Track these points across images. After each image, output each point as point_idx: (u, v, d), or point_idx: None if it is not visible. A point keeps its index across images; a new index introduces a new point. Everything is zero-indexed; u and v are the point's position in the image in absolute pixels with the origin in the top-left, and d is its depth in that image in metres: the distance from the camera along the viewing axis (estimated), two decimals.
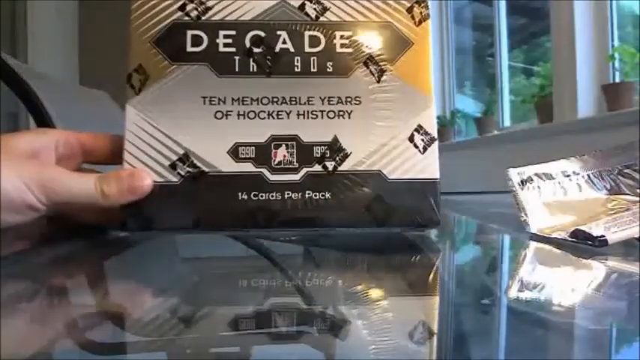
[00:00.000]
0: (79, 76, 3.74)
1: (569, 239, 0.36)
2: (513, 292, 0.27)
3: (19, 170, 0.35)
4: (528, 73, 3.20)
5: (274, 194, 0.39)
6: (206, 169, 0.39)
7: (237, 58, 0.40)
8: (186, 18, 0.41)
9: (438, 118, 3.81)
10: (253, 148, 0.39)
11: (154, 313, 0.23)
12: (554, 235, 0.38)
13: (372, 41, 0.41)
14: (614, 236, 0.33)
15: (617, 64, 2.27)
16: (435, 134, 0.41)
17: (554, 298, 0.26)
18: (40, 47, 3.31)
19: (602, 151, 0.46)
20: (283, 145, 0.39)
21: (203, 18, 0.41)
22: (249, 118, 0.39)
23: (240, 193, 0.38)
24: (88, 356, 0.19)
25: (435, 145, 0.40)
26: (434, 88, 0.41)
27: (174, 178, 0.39)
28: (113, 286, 0.30)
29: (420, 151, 0.40)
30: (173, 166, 0.39)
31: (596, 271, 0.31)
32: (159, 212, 0.38)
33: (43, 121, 0.88)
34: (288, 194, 0.39)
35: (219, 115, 0.39)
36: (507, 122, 3.17)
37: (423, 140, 0.40)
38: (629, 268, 0.32)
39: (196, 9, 0.41)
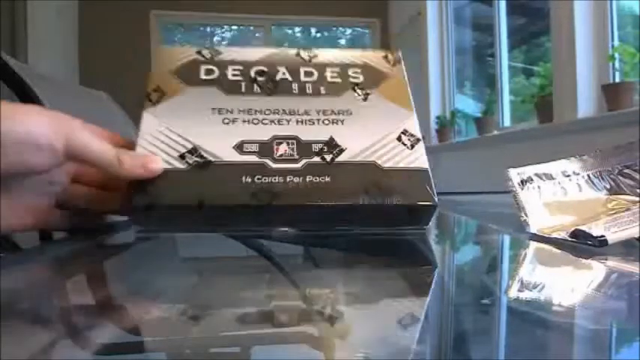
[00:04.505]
0: (79, 76, 3.74)
1: (569, 239, 0.36)
2: (513, 292, 0.27)
3: (51, 116, 0.37)
4: (528, 73, 3.20)
5: (277, 178, 0.42)
6: (212, 159, 0.42)
7: (243, 83, 0.48)
8: (202, 58, 0.49)
9: (438, 118, 3.80)
10: (257, 144, 0.43)
11: (154, 313, 0.23)
12: (554, 235, 0.38)
13: (356, 75, 0.50)
14: (614, 236, 0.33)
15: (617, 64, 2.27)
16: (420, 136, 0.46)
17: (554, 298, 0.26)
18: (40, 47, 3.31)
19: (602, 151, 0.46)
20: (285, 142, 0.44)
21: (216, 59, 0.49)
22: (253, 123, 0.45)
23: (244, 177, 0.42)
24: (89, 356, 0.19)
25: (421, 144, 0.45)
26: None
27: (182, 166, 0.42)
28: (113, 286, 0.31)
29: (408, 147, 0.45)
30: (182, 157, 0.42)
31: (596, 271, 0.31)
32: (165, 190, 0.41)
33: None
34: (289, 178, 0.42)
35: (226, 121, 0.45)
36: (507, 122, 3.17)
37: (409, 140, 0.45)
38: (629, 268, 0.32)
39: (210, 53, 0.50)
